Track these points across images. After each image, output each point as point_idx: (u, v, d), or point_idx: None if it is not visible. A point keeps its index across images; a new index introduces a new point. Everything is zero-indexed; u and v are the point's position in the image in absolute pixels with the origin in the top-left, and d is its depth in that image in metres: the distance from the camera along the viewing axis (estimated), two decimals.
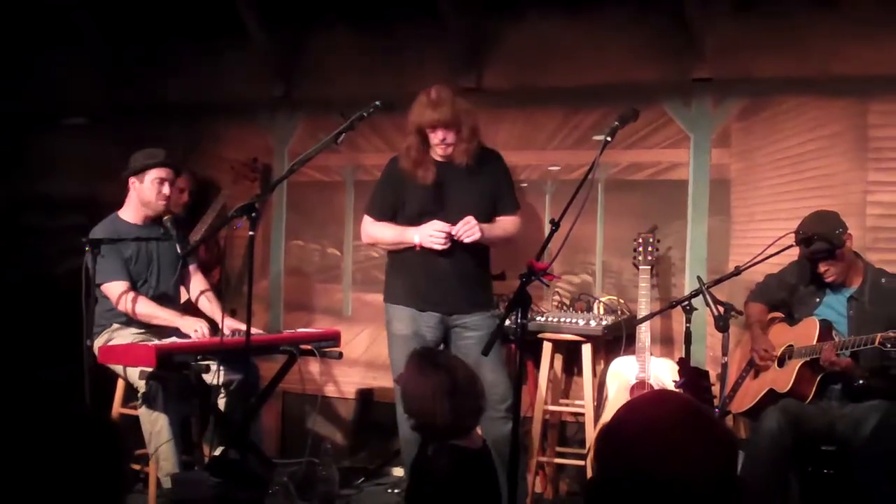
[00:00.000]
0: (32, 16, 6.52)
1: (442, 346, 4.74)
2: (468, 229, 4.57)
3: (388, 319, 4.80)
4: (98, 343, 4.77)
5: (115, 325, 4.87)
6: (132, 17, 6.43)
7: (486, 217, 4.72)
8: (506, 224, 4.79)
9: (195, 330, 4.71)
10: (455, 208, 4.65)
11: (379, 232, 4.83)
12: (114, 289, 4.84)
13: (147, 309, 4.84)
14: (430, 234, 4.58)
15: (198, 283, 5.22)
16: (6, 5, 6.34)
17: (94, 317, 4.88)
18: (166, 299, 4.99)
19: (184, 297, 5.24)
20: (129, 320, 4.86)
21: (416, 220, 4.67)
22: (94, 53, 6.64)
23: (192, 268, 5.22)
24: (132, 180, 4.97)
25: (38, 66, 6.83)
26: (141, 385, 4.60)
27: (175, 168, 5.06)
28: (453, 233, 4.57)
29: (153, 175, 4.92)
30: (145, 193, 4.94)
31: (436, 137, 4.62)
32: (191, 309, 5.11)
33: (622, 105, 4.22)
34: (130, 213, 5.00)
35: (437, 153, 4.66)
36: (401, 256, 4.76)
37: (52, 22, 6.56)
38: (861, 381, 4.31)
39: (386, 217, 4.80)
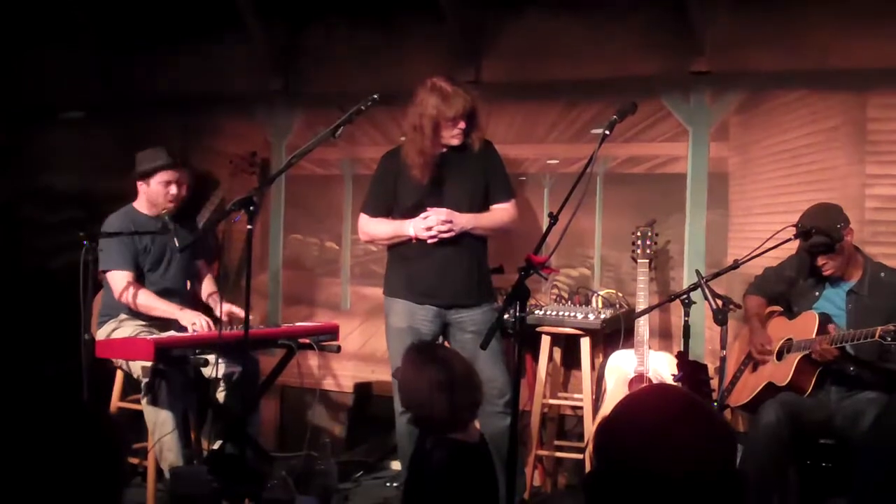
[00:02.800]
0: (30, 10, 6.51)
1: (441, 340, 4.75)
2: (442, 225, 4.59)
3: (386, 312, 4.81)
4: (104, 332, 4.81)
5: (123, 316, 4.89)
6: (130, 10, 6.42)
7: (479, 206, 4.73)
8: (498, 213, 4.78)
9: (193, 323, 4.71)
10: (449, 199, 4.66)
11: (375, 228, 4.83)
12: (116, 278, 4.86)
13: (147, 300, 4.85)
14: (423, 227, 4.60)
15: (208, 285, 5.27)
16: (3, 0, 6.33)
17: (100, 306, 4.93)
18: (173, 293, 5.00)
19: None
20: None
21: (410, 213, 4.67)
22: (91, 47, 6.62)
23: (203, 264, 5.29)
24: (140, 183, 5.03)
25: (36, 60, 6.82)
26: (144, 378, 4.61)
27: (179, 167, 5.08)
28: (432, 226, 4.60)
29: (159, 178, 4.98)
30: (153, 195, 5.00)
31: (455, 128, 4.62)
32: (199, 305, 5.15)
33: (621, 98, 4.20)
34: (144, 206, 5.07)
35: (452, 143, 4.66)
36: (399, 250, 4.76)
37: (50, 16, 6.55)
38: (852, 369, 4.31)
39: (381, 213, 4.80)
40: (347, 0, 5.98)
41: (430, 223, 4.59)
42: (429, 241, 4.60)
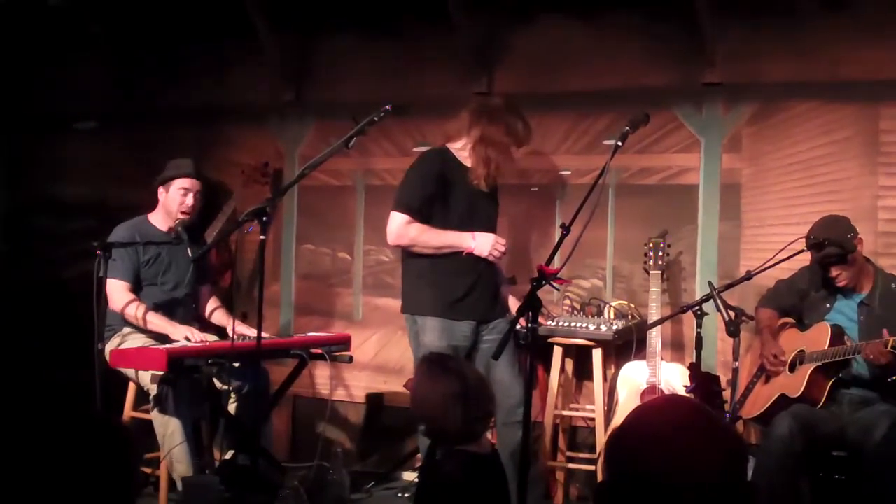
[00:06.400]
0: (44, 21, 6.54)
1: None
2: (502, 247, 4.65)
3: (419, 330, 4.62)
4: (110, 346, 4.79)
5: (127, 329, 4.89)
6: (143, 22, 6.46)
7: None
8: None
9: (185, 337, 4.71)
10: (490, 217, 4.73)
11: (423, 236, 4.57)
12: (113, 287, 4.83)
13: (140, 313, 4.84)
14: (497, 248, 4.59)
15: (212, 302, 5.31)
16: (18, 11, 6.37)
17: (106, 319, 4.92)
18: (176, 307, 5.02)
19: None
20: None
21: (465, 220, 4.62)
22: (105, 58, 6.66)
23: (206, 289, 5.30)
24: (160, 189, 5.08)
25: (50, 71, 6.85)
26: (152, 389, 4.61)
27: (201, 179, 5.14)
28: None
29: (177, 184, 5.04)
30: (169, 202, 5.04)
31: (513, 156, 4.74)
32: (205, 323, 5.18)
33: (633, 109, 4.21)
34: (159, 219, 5.10)
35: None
36: (430, 263, 4.61)
37: (64, 27, 6.58)
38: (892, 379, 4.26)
39: (424, 219, 4.58)
40: (359, 11, 6.00)
41: (501, 248, 4.61)
42: (490, 258, 4.60)
